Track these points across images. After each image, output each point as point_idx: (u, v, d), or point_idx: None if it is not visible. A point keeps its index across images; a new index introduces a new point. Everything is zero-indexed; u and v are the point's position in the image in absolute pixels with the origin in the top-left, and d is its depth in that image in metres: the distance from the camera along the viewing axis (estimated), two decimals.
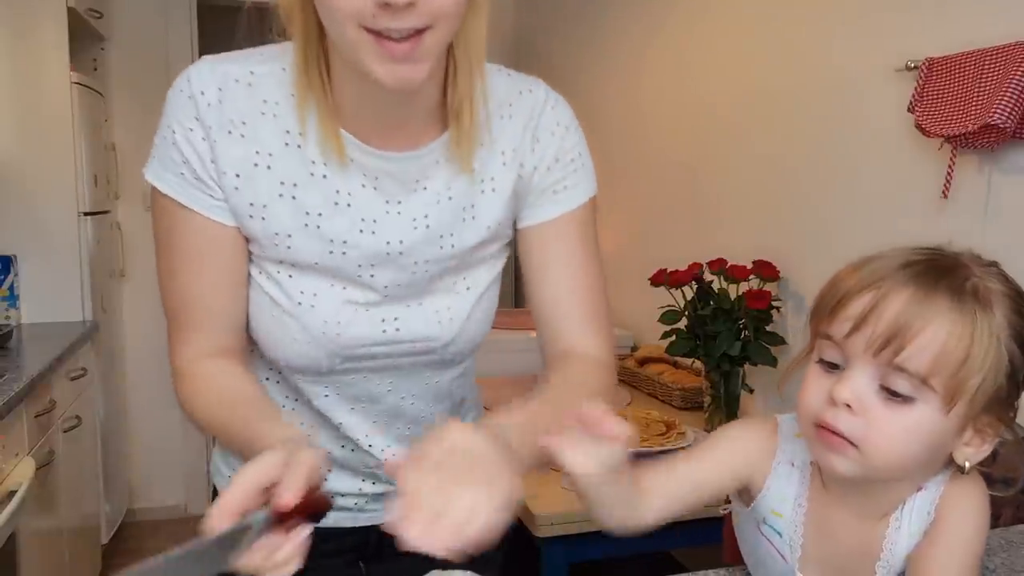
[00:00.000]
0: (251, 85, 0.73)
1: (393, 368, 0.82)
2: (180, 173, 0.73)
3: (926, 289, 0.61)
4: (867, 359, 0.61)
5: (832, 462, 0.64)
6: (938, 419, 0.61)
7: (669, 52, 2.35)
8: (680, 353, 1.78)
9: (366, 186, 0.75)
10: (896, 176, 1.53)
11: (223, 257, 0.76)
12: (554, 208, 0.82)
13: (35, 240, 2.48)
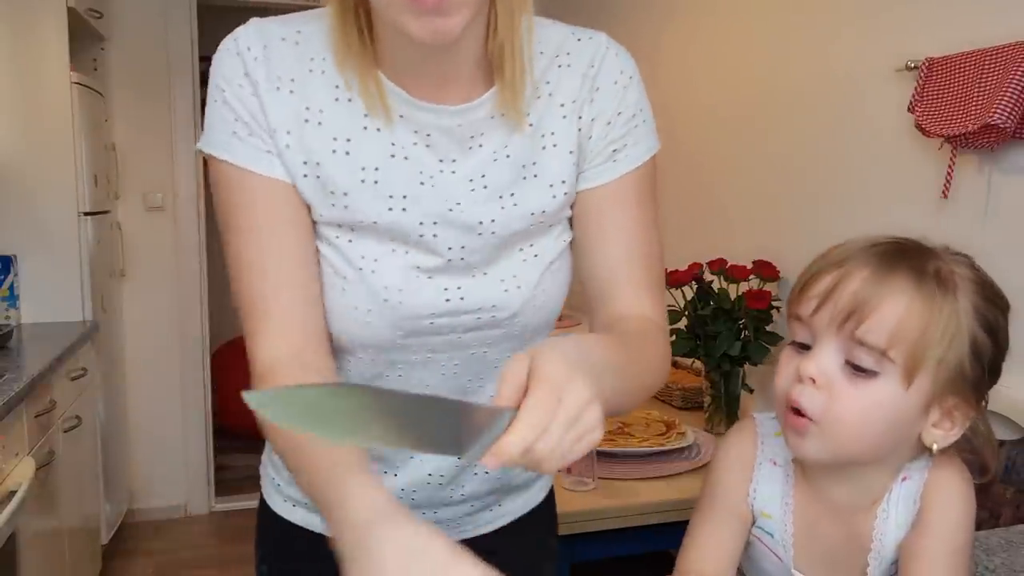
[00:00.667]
0: (298, 43, 0.71)
1: (458, 346, 0.77)
2: (233, 132, 0.70)
3: (887, 267, 0.63)
4: (831, 334, 0.63)
5: (799, 446, 0.65)
6: (900, 394, 0.62)
7: (669, 53, 2.35)
8: (680, 353, 1.78)
9: (419, 143, 0.72)
10: (896, 176, 1.53)
11: (291, 218, 0.71)
12: (614, 170, 0.77)
13: (35, 240, 2.48)
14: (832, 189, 1.70)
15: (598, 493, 1.41)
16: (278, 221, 0.71)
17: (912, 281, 0.62)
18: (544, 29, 0.76)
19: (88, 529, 2.44)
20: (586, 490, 1.41)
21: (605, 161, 0.77)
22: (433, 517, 0.86)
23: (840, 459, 0.66)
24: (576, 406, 0.51)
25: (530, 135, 0.74)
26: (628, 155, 0.78)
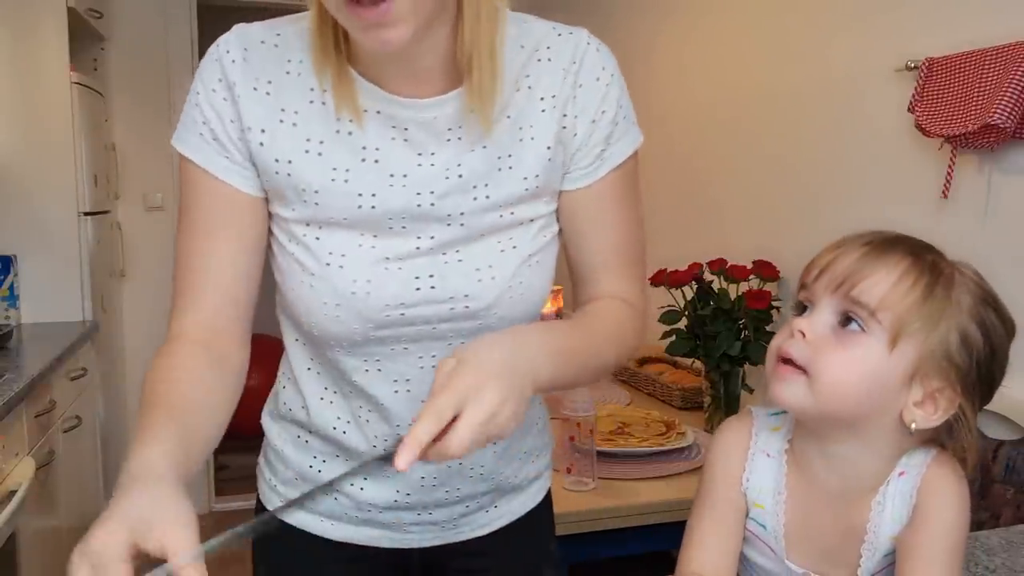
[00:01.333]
0: (276, 46, 0.75)
1: (434, 338, 0.77)
2: (200, 134, 0.74)
3: (886, 245, 0.67)
4: (827, 296, 0.67)
5: (781, 392, 0.68)
6: (883, 355, 0.65)
7: (670, 53, 2.35)
8: (680, 353, 1.78)
9: (396, 139, 0.74)
10: (896, 176, 1.53)
11: (233, 223, 0.75)
12: (601, 168, 0.79)
13: (35, 240, 2.48)
14: (832, 189, 1.70)
15: (598, 493, 1.41)
16: (218, 223, 0.75)
17: (908, 260, 0.66)
18: (525, 24, 0.78)
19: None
20: (586, 490, 1.41)
21: (593, 162, 0.79)
22: (428, 518, 0.86)
23: (820, 410, 0.67)
24: (486, 409, 0.59)
25: (508, 127, 0.75)
26: (614, 152, 0.80)
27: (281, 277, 0.78)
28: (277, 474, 0.88)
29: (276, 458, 0.88)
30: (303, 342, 0.82)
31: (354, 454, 0.83)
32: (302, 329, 0.79)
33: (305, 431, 0.85)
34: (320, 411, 0.82)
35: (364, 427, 0.81)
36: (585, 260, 0.82)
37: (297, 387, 0.84)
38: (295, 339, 0.83)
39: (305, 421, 0.84)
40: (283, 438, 0.87)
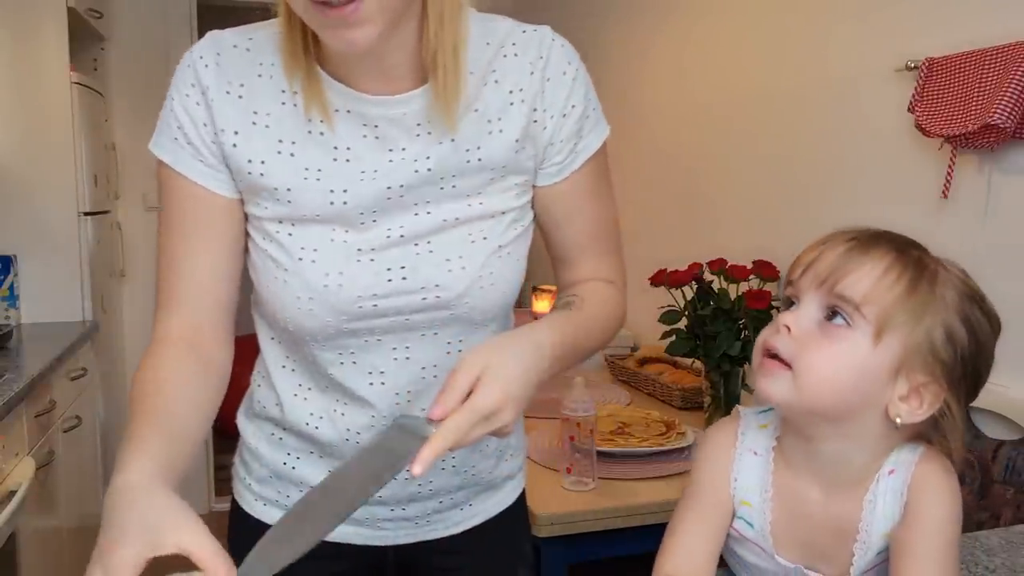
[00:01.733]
0: (248, 50, 0.77)
1: (407, 329, 0.79)
2: (175, 138, 0.76)
3: (870, 241, 0.68)
4: (812, 291, 0.67)
5: (767, 387, 0.68)
6: (868, 349, 0.65)
7: (669, 52, 2.35)
8: (680, 353, 1.78)
9: (367, 136, 0.76)
10: (896, 176, 1.53)
11: (211, 225, 0.77)
12: (575, 162, 0.82)
13: (35, 240, 2.48)
14: (832, 189, 1.70)
15: (598, 493, 1.41)
16: (196, 226, 0.78)
17: (893, 255, 0.66)
18: (490, 23, 0.80)
19: (88, 529, 2.44)
20: (586, 490, 1.41)
21: (567, 157, 0.82)
22: (402, 513, 0.87)
23: (805, 405, 0.67)
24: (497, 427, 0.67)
25: (476, 120, 0.77)
26: (586, 145, 0.83)
27: (255, 274, 0.80)
28: (252, 472, 0.89)
29: (251, 457, 0.89)
30: (278, 340, 0.84)
31: (327, 448, 0.84)
32: (277, 325, 0.81)
33: (279, 428, 0.86)
34: (294, 407, 0.84)
35: (338, 421, 0.83)
36: (565, 246, 0.86)
37: (271, 384, 0.85)
38: (270, 338, 0.85)
39: (279, 418, 0.85)
40: (257, 436, 0.88)
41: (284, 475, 0.86)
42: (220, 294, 0.79)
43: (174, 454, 0.66)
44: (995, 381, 1.28)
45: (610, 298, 0.86)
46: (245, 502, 0.90)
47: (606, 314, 0.84)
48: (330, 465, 0.84)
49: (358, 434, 0.82)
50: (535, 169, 0.81)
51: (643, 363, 2.15)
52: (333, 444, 0.83)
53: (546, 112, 0.79)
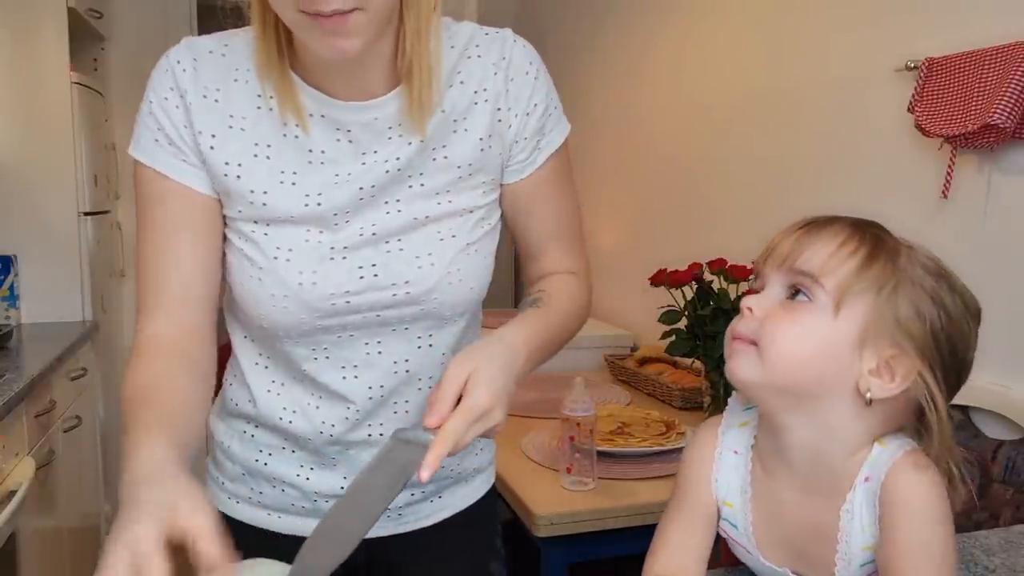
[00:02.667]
0: (224, 55, 0.78)
1: (379, 325, 0.81)
2: (155, 140, 0.77)
3: (828, 220, 0.70)
4: (773, 272, 0.69)
5: (733, 367, 0.68)
6: (830, 321, 0.65)
7: (670, 53, 2.35)
8: (680, 353, 1.78)
9: (340, 140, 0.78)
10: (896, 176, 1.53)
11: (194, 223, 0.78)
12: (538, 158, 0.85)
13: (35, 240, 2.48)
14: (831, 189, 1.70)
15: (598, 493, 1.41)
16: (180, 224, 0.78)
17: (848, 231, 0.68)
18: (453, 27, 0.83)
19: (88, 528, 2.44)
20: (586, 490, 1.41)
21: (531, 154, 0.85)
22: None
23: (771, 381, 0.66)
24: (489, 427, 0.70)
25: (442, 121, 0.80)
26: (548, 142, 0.86)
27: (231, 273, 0.81)
28: (224, 471, 0.90)
29: (223, 455, 0.90)
30: (251, 338, 0.86)
31: (301, 442, 0.86)
32: (252, 323, 0.82)
33: (252, 425, 0.88)
34: (267, 402, 0.85)
35: (312, 414, 0.84)
36: (531, 240, 0.90)
37: (245, 382, 0.86)
38: (243, 336, 0.86)
39: (252, 414, 0.87)
40: (229, 435, 0.89)
41: (257, 472, 0.88)
42: (203, 290, 0.80)
43: (181, 449, 0.67)
44: (995, 381, 1.29)
45: (575, 291, 0.89)
46: (219, 501, 0.91)
47: (573, 307, 0.88)
48: (303, 460, 0.86)
49: (332, 426, 0.84)
50: (501, 167, 0.84)
51: (643, 363, 2.15)
52: (307, 438, 0.85)
53: (511, 111, 0.82)
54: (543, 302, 0.85)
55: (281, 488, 0.87)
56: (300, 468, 0.87)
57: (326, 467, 0.87)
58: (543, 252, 0.90)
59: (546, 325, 0.82)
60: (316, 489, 0.87)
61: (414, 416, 0.85)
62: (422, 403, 0.85)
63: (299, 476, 0.86)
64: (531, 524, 1.37)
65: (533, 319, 0.82)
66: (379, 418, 0.85)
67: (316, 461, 0.86)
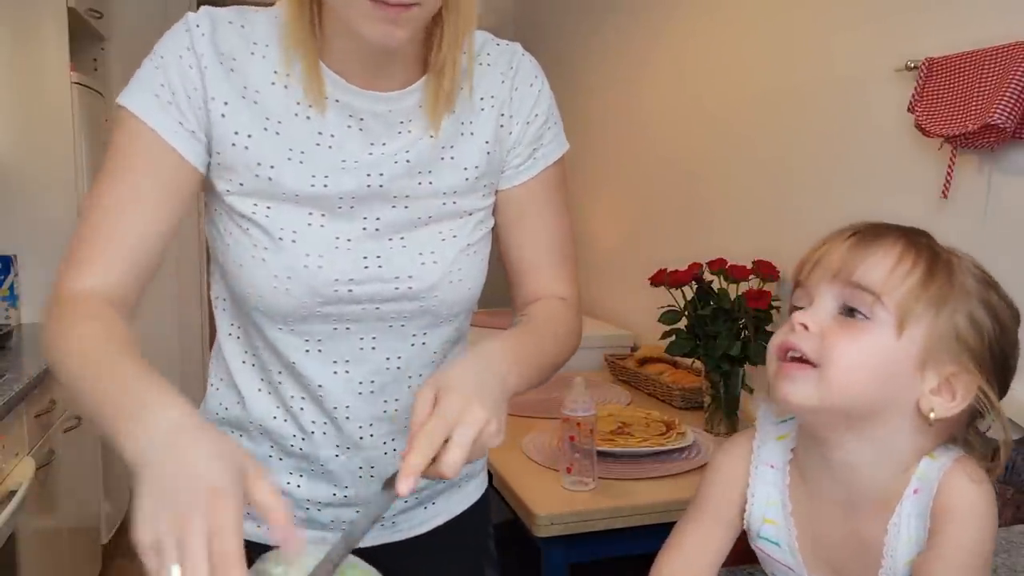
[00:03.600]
0: (243, 27, 0.78)
1: (376, 319, 0.81)
2: (155, 95, 0.74)
3: (879, 230, 0.67)
4: (826, 285, 0.65)
5: (789, 391, 0.63)
6: (892, 342, 0.62)
7: (670, 53, 2.35)
8: (680, 353, 1.78)
9: (352, 127, 0.78)
10: (896, 176, 1.53)
11: (168, 188, 0.74)
12: (533, 167, 0.86)
13: (35, 240, 2.48)
14: (832, 189, 1.70)
15: (598, 493, 1.41)
16: (153, 184, 0.74)
17: (903, 243, 0.65)
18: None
19: (88, 529, 2.44)
20: (586, 490, 1.41)
21: (525, 161, 0.86)
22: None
23: (833, 404, 0.63)
24: (475, 428, 0.63)
25: (452, 122, 0.82)
26: (544, 154, 0.87)
27: (225, 253, 0.79)
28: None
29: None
30: (239, 334, 0.84)
31: (287, 449, 0.84)
32: (245, 306, 0.80)
33: (238, 433, 0.86)
34: (256, 403, 0.84)
35: (299, 415, 0.83)
36: (522, 257, 0.88)
37: (232, 383, 0.85)
38: (229, 333, 0.85)
39: (240, 416, 0.85)
40: None
41: None
42: (150, 261, 0.75)
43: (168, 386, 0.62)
44: None
45: (563, 315, 0.86)
46: None
47: (562, 330, 0.85)
48: (292, 468, 0.85)
49: (325, 423, 0.83)
50: (499, 172, 0.85)
51: (643, 363, 2.15)
52: (296, 440, 0.83)
53: (512, 118, 0.84)
54: (523, 322, 0.84)
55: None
56: (290, 476, 0.85)
57: (316, 474, 0.85)
58: (531, 272, 0.88)
59: (527, 339, 0.79)
60: (309, 497, 0.85)
61: (403, 415, 0.84)
62: (409, 405, 0.83)
63: (289, 484, 0.85)
64: (531, 524, 1.37)
65: (509, 333, 0.79)
66: (368, 418, 0.84)
67: (306, 468, 0.85)
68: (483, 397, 0.65)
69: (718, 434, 1.73)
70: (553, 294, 0.88)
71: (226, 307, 0.84)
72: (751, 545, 0.75)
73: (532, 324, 0.83)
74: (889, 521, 0.65)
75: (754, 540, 0.73)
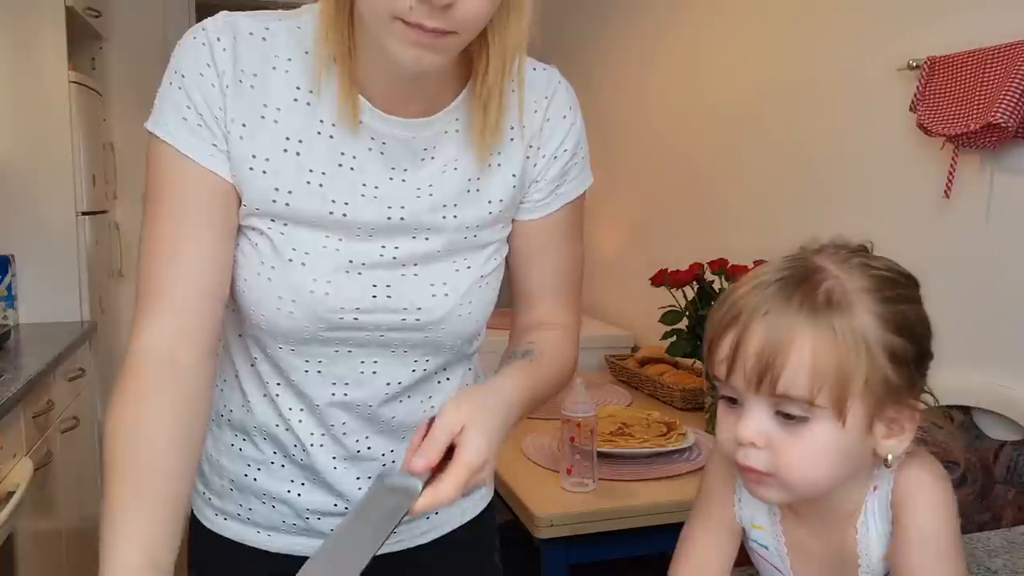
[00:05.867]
0: (264, 39, 0.73)
1: (380, 345, 0.78)
2: (183, 118, 0.71)
3: (779, 312, 0.62)
4: (752, 394, 0.63)
5: (760, 494, 0.65)
6: (837, 431, 0.62)
7: (673, 54, 2.35)
8: (681, 354, 1.78)
9: (373, 150, 0.75)
10: (898, 175, 1.52)
11: (214, 212, 0.72)
12: (554, 203, 0.83)
13: (33, 240, 2.47)
14: (833, 188, 1.69)
15: (598, 494, 1.40)
16: (202, 212, 0.72)
17: (808, 318, 0.61)
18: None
19: (86, 530, 2.43)
20: (586, 491, 1.41)
21: (547, 196, 0.82)
22: None
23: (803, 498, 0.66)
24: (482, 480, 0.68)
25: (480, 153, 0.78)
26: (567, 190, 0.84)
27: (237, 267, 0.76)
28: (211, 486, 0.87)
29: (210, 469, 0.86)
30: (245, 337, 0.82)
31: (290, 456, 0.83)
32: (249, 321, 0.78)
33: (242, 435, 0.84)
34: (264, 407, 0.82)
35: (297, 428, 0.81)
36: (530, 286, 0.86)
37: (239, 385, 0.83)
38: (238, 335, 0.82)
39: (245, 420, 0.83)
40: (216, 447, 0.85)
41: (246, 487, 0.84)
42: (216, 291, 0.73)
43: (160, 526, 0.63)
44: (997, 381, 1.29)
45: (565, 349, 0.86)
46: (205, 517, 0.87)
47: (565, 370, 0.86)
48: (294, 475, 0.83)
49: (323, 435, 0.81)
50: (518, 204, 0.82)
51: (644, 363, 2.14)
52: (298, 447, 0.82)
53: (539, 150, 0.81)
54: (535, 357, 0.81)
55: (272, 504, 0.84)
56: (291, 484, 0.83)
57: (317, 483, 0.83)
58: (538, 300, 0.86)
59: (535, 382, 0.79)
60: (308, 506, 0.84)
61: (401, 429, 0.83)
62: (408, 419, 0.83)
63: (290, 492, 0.83)
64: (531, 525, 1.36)
65: (527, 376, 0.78)
66: (365, 432, 0.82)
67: (307, 476, 0.83)
68: (496, 450, 0.69)
69: None
70: (555, 321, 0.86)
71: (235, 309, 0.82)
72: (744, 545, 0.76)
73: (541, 364, 0.81)
74: (857, 522, 0.68)
75: (746, 540, 0.75)
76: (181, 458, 0.68)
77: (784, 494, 0.64)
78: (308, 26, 0.74)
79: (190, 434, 0.70)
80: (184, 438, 0.69)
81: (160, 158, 0.72)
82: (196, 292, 0.72)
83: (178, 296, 0.71)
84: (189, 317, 0.71)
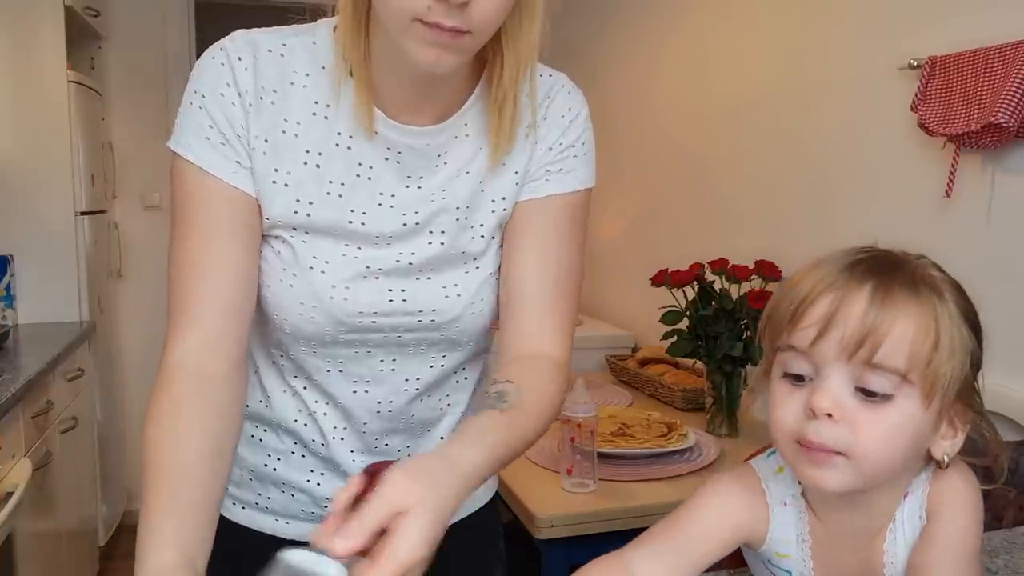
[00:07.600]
0: (283, 56, 0.76)
1: (397, 345, 0.81)
2: (206, 137, 0.73)
3: (885, 284, 0.60)
4: (840, 363, 0.59)
5: (822, 479, 0.61)
6: (920, 413, 0.60)
7: (676, 55, 2.35)
8: (681, 354, 1.78)
9: (389, 160, 0.77)
10: (899, 175, 1.52)
11: (240, 228, 0.74)
12: (543, 188, 0.81)
13: (32, 240, 2.47)
14: (834, 188, 1.69)
15: (598, 495, 1.40)
16: (229, 229, 0.74)
17: (912, 294, 0.60)
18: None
19: (85, 530, 2.43)
20: (586, 492, 1.41)
21: (537, 180, 0.82)
22: None
23: (868, 486, 0.63)
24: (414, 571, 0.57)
25: (489, 155, 0.80)
26: (561, 179, 0.82)
27: (261, 273, 0.78)
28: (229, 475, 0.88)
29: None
30: (268, 335, 0.84)
31: (310, 447, 0.85)
32: (272, 323, 0.80)
33: (262, 426, 0.86)
34: (283, 403, 0.84)
35: (321, 420, 0.84)
36: (516, 279, 0.81)
37: (259, 379, 0.85)
38: (261, 333, 0.84)
39: (263, 414, 0.85)
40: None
41: (265, 476, 0.86)
42: (245, 305, 0.75)
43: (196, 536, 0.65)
44: (998, 382, 1.29)
45: (550, 388, 0.79)
46: (223, 507, 0.88)
47: (541, 412, 0.77)
48: (313, 465, 0.85)
49: (344, 428, 0.84)
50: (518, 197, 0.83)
51: (644, 364, 2.14)
52: (320, 442, 0.84)
53: (537, 144, 0.82)
54: (511, 403, 0.73)
55: (291, 493, 0.86)
56: (310, 474, 0.86)
57: (336, 474, 0.86)
58: (527, 304, 0.80)
59: (508, 439, 0.70)
60: (327, 495, 0.86)
61: (419, 426, 0.86)
62: (427, 415, 0.86)
63: (309, 482, 0.86)
64: (532, 526, 1.36)
65: (498, 433, 0.69)
66: (385, 430, 0.85)
67: (327, 467, 0.86)
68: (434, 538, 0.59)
69: (720, 436, 1.72)
70: (540, 351, 0.80)
71: (258, 312, 0.83)
72: (759, 564, 0.74)
73: (519, 415, 0.73)
74: (887, 528, 0.66)
75: (766, 564, 0.73)
76: (212, 464, 0.69)
77: (851, 477, 0.60)
78: (323, 41, 0.76)
79: (220, 442, 0.71)
80: (214, 445, 0.70)
81: (184, 176, 0.74)
82: (223, 308, 0.74)
83: (206, 312, 0.73)
84: (215, 331, 0.73)
